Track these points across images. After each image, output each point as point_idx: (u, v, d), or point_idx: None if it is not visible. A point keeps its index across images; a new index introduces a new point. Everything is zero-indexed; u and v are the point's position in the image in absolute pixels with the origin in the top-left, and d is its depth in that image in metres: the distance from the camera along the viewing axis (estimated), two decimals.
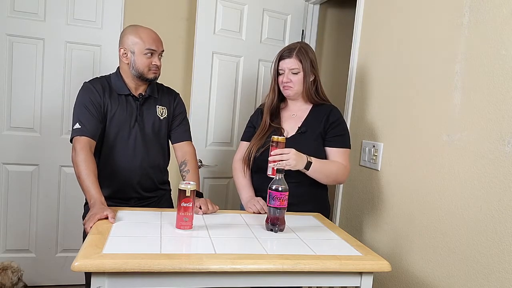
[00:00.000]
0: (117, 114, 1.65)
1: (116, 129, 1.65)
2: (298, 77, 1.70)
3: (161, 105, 1.76)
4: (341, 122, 1.73)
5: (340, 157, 1.70)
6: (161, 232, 1.28)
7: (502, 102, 1.29)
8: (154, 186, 1.76)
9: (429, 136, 1.58)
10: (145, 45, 1.62)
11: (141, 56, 1.62)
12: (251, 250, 1.20)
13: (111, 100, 1.65)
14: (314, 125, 1.71)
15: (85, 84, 1.67)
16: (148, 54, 1.63)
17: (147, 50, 1.62)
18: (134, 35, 1.63)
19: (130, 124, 1.67)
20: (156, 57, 1.66)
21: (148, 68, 1.64)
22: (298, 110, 1.77)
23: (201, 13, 2.36)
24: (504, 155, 1.27)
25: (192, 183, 1.32)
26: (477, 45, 1.40)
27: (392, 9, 1.87)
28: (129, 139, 1.67)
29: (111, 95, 1.65)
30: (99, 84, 1.66)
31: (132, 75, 1.66)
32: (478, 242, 1.34)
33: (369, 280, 1.20)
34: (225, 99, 2.51)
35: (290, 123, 1.75)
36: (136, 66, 1.64)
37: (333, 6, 2.99)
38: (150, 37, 1.64)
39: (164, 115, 1.76)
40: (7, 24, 2.32)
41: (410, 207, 1.67)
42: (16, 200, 2.45)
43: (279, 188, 1.38)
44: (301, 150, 1.64)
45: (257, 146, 1.72)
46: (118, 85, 1.68)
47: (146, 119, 1.70)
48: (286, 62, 1.70)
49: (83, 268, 1.01)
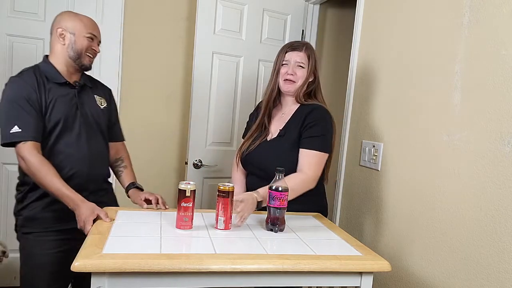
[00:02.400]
0: (56, 104, 1.52)
1: (58, 119, 1.51)
2: (302, 72, 1.66)
3: (98, 95, 1.69)
4: (318, 122, 1.60)
5: (307, 161, 1.57)
6: (161, 232, 1.28)
7: (502, 102, 1.29)
8: (102, 178, 1.68)
9: (429, 136, 1.58)
10: (86, 28, 1.57)
11: (82, 38, 1.55)
12: (251, 250, 1.20)
13: (46, 91, 1.51)
14: (293, 128, 1.66)
15: (13, 79, 1.51)
16: (89, 38, 1.57)
17: (89, 33, 1.57)
18: (75, 18, 1.57)
19: (71, 113, 1.55)
20: (96, 43, 1.61)
21: (86, 51, 1.57)
22: (288, 109, 1.73)
23: (201, 13, 2.36)
24: (504, 155, 1.27)
25: (192, 183, 1.33)
26: (477, 45, 1.40)
27: (392, 9, 1.87)
28: (73, 129, 1.55)
29: (45, 86, 1.51)
30: (30, 76, 1.51)
31: (66, 60, 1.55)
32: (478, 242, 1.34)
33: (369, 280, 1.20)
34: (225, 99, 2.51)
35: (276, 124, 1.73)
36: (75, 47, 1.55)
37: (333, 6, 2.99)
38: (91, 22, 1.61)
39: (103, 104, 1.69)
40: (7, 24, 2.33)
41: (410, 207, 1.67)
42: None
43: (279, 188, 1.38)
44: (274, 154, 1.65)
45: (244, 148, 1.74)
46: (51, 73, 1.54)
47: (86, 107, 1.61)
48: (295, 54, 1.65)
49: (83, 268, 1.01)
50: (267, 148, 1.68)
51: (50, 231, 1.53)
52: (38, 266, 1.52)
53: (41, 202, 1.53)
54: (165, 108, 2.68)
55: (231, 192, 1.35)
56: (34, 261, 1.52)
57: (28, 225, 1.55)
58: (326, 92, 1.83)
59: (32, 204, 1.55)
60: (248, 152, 1.72)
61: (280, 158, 1.62)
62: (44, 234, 1.53)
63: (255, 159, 1.70)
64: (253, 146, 1.71)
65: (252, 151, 1.71)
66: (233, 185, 1.39)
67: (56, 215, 1.53)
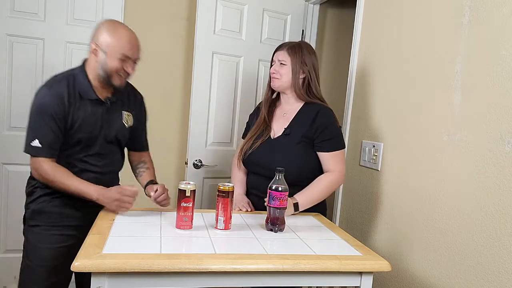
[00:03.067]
0: (83, 123, 1.51)
1: (80, 138, 1.52)
2: (284, 70, 1.69)
3: (127, 111, 1.65)
4: (328, 124, 1.67)
5: (332, 161, 1.67)
6: (161, 232, 1.28)
7: (502, 102, 1.29)
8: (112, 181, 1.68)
9: (429, 136, 1.58)
10: (120, 49, 1.46)
11: (113, 58, 1.47)
12: (251, 250, 1.20)
13: (76, 108, 1.49)
14: (299, 126, 1.69)
15: (44, 89, 1.48)
16: (121, 59, 1.48)
17: (121, 55, 1.47)
18: (112, 35, 1.47)
19: (95, 133, 1.55)
20: (129, 64, 1.51)
21: (117, 73, 1.49)
22: (289, 108, 1.76)
23: (201, 13, 2.36)
24: (504, 155, 1.27)
25: (192, 183, 1.33)
26: (477, 45, 1.40)
27: (392, 9, 1.87)
28: (92, 147, 1.56)
29: (75, 100, 1.49)
30: (62, 89, 1.47)
31: (97, 75, 1.51)
32: (478, 242, 1.34)
33: (369, 280, 1.20)
34: (225, 99, 2.51)
35: (279, 123, 1.75)
36: (105, 68, 1.48)
37: (333, 6, 2.99)
38: (128, 41, 1.48)
39: (129, 123, 1.65)
40: (7, 24, 2.32)
41: (410, 207, 1.67)
42: (16, 200, 2.44)
43: (279, 188, 1.38)
44: (281, 153, 1.66)
45: (246, 147, 1.74)
46: (83, 87, 1.51)
47: (111, 126, 1.59)
48: (278, 53, 1.73)
49: (83, 268, 1.01)
50: (273, 147, 1.68)
51: (56, 225, 1.56)
52: (40, 259, 1.54)
53: (48, 197, 1.56)
54: (165, 108, 2.68)
55: (231, 192, 1.35)
56: (38, 254, 1.55)
57: (35, 218, 1.57)
58: (326, 92, 1.85)
59: (39, 198, 1.57)
60: (251, 151, 1.71)
61: (288, 156, 1.65)
62: (50, 228, 1.55)
63: (260, 158, 1.69)
64: (256, 145, 1.71)
65: (256, 150, 1.71)
66: (233, 185, 1.39)
67: (62, 211, 1.56)
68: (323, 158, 1.68)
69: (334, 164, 1.67)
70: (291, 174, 1.61)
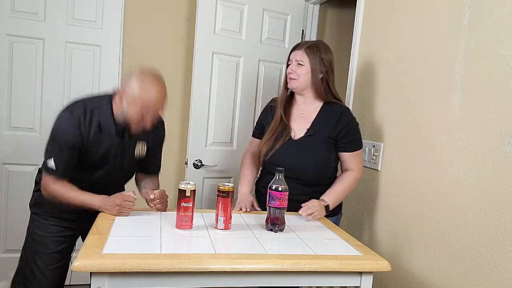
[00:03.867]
0: (97, 152, 1.53)
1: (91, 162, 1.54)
2: (302, 70, 1.68)
3: (142, 140, 1.62)
4: (353, 124, 1.72)
5: (353, 160, 1.72)
6: (161, 232, 1.29)
7: (502, 102, 1.29)
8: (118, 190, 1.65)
9: (429, 136, 1.58)
10: (142, 108, 1.44)
11: (133, 113, 1.45)
12: (251, 250, 1.20)
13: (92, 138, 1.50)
14: (323, 127, 1.69)
15: (64, 116, 1.48)
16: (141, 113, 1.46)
17: (141, 114, 1.46)
18: (138, 90, 1.43)
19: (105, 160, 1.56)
20: (149, 117, 1.48)
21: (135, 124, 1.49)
22: (307, 109, 1.75)
23: (201, 13, 2.36)
24: (504, 155, 1.27)
25: (192, 183, 1.33)
26: (477, 45, 1.40)
27: (392, 9, 1.87)
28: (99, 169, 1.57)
29: (95, 135, 1.50)
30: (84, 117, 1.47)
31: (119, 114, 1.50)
32: (478, 242, 1.34)
33: (369, 280, 1.20)
34: (225, 99, 2.51)
35: (298, 123, 1.73)
36: (124, 116, 1.47)
37: (333, 6, 2.99)
38: (151, 102, 1.44)
39: (142, 152, 1.64)
40: (7, 24, 2.32)
41: (410, 207, 1.67)
42: (16, 200, 2.45)
43: (279, 188, 1.39)
44: (309, 154, 1.66)
45: (266, 147, 1.71)
46: (106, 123, 1.50)
47: (123, 157, 1.59)
48: (294, 53, 1.72)
49: (83, 268, 1.01)
50: (297, 148, 1.68)
51: (54, 217, 1.62)
52: (38, 245, 1.62)
53: None
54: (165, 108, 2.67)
55: (231, 192, 1.35)
56: (35, 240, 1.62)
57: (37, 206, 1.65)
58: None
59: None
60: (274, 152, 1.69)
61: (314, 156, 1.66)
62: (49, 219, 1.62)
63: (285, 159, 1.65)
64: (278, 146, 1.69)
65: (278, 151, 1.69)
66: (233, 185, 1.39)
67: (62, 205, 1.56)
68: (345, 158, 1.72)
69: (355, 163, 1.72)
70: (316, 174, 1.68)
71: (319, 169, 1.68)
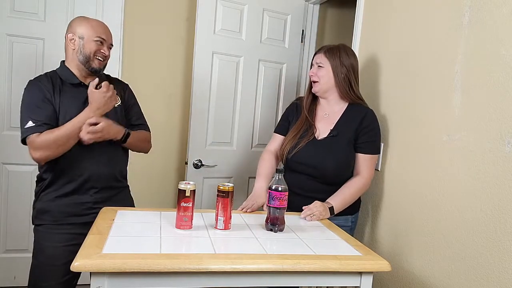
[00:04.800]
0: (69, 105, 1.57)
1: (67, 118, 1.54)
2: (322, 72, 1.72)
3: None
4: (374, 126, 1.73)
5: (367, 164, 1.72)
6: (161, 232, 1.28)
7: (502, 102, 1.28)
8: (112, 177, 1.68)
9: (429, 136, 1.58)
10: (95, 32, 1.60)
11: (90, 42, 1.59)
12: (251, 250, 1.20)
13: (60, 93, 1.58)
14: (346, 128, 1.72)
15: (30, 82, 1.60)
16: (98, 41, 1.60)
17: (97, 37, 1.60)
18: (85, 22, 1.61)
19: None
20: (105, 47, 1.64)
21: (95, 54, 1.60)
22: (330, 110, 1.78)
23: (201, 13, 2.36)
24: (504, 155, 1.27)
25: (191, 183, 1.32)
26: (477, 45, 1.40)
27: (392, 9, 1.87)
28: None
29: (61, 88, 1.59)
30: (46, 79, 1.60)
31: (77, 64, 1.61)
32: (478, 242, 1.34)
33: (369, 280, 1.20)
34: (225, 99, 2.51)
35: (322, 124, 1.76)
36: (84, 51, 1.59)
37: (333, 6, 2.99)
38: (100, 26, 1.63)
39: (117, 102, 1.70)
40: (7, 24, 2.32)
41: (410, 207, 1.67)
42: (16, 200, 2.45)
43: (278, 188, 1.38)
44: (331, 154, 1.68)
45: (290, 146, 1.74)
46: (66, 75, 1.62)
47: None
48: (316, 57, 1.77)
49: (83, 268, 1.01)
50: (321, 147, 1.71)
51: (61, 224, 1.58)
52: (47, 258, 1.56)
53: (52, 195, 1.59)
54: (165, 108, 2.68)
55: (231, 192, 1.35)
56: (44, 253, 1.57)
57: (40, 217, 1.60)
58: None
59: (44, 197, 1.60)
60: (298, 150, 1.72)
61: (338, 157, 1.69)
62: (55, 227, 1.58)
63: (308, 158, 1.70)
64: (302, 145, 1.72)
65: (302, 149, 1.71)
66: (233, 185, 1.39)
67: (66, 209, 1.58)
68: (360, 160, 1.72)
69: (368, 168, 1.72)
70: (336, 173, 1.70)
71: (339, 169, 1.70)
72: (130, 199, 1.82)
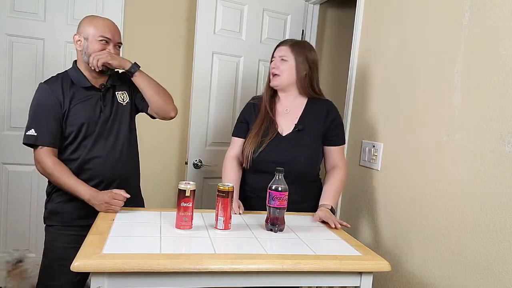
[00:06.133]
0: (80, 110, 1.57)
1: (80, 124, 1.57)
2: (285, 66, 1.68)
3: (120, 91, 1.69)
4: (340, 118, 1.75)
5: (339, 155, 1.74)
6: (161, 232, 1.28)
7: (502, 102, 1.28)
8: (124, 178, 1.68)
9: (429, 136, 1.58)
10: (98, 32, 1.57)
11: (94, 42, 1.57)
12: (250, 250, 1.20)
13: (71, 97, 1.57)
14: (311, 122, 1.69)
15: (41, 85, 1.59)
16: (102, 41, 1.57)
17: (100, 37, 1.57)
18: (89, 22, 1.59)
19: (94, 118, 1.59)
20: (111, 46, 1.60)
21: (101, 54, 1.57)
22: (291, 105, 1.74)
23: (201, 13, 2.36)
24: (504, 155, 1.27)
25: (191, 183, 1.32)
26: (477, 45, 1.40)
27: (392, 9, 1.87)
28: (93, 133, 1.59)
29: (71, 91, 1.57)
30: (56, 83, 1.58)
31: (86, 64, 1.60)
32: (478, 242, 1.34)
33: (368, 280, 1.20)
34: (225, 99, 2.51)
35: (285, 119, 1.72)
36: (88, 52, 1.57)
37: (333, 6, 2.99)
38: (105, 25, 1.59)
39: (126, 99, 1.70)
40: (7, 24, 2.32)
41: (410, 207, 1.67)
42: (16, 200, 2.45)
43: (278, 188, 1.38)
44: (300, 149, 1.65)
45: (254, 145, 1.68)
46: (77, 78, 1.61)
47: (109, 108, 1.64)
48: (278, 49, 1.72)
49: (83, 268, 1.01)
50: (287, 143, 1.67)
51: (71, 225, 1.59)
52: (56, 258, 1.57)
53: (63, 197, 1.60)
54: None
55: (231, 192, 1.35)
56: (54, 254, 1.59)
57: (51, 218, 1.63)
58: (326, 92, 1.84)
59: (55, 198, 1.62)
60: (263, 149, 1.66)
61: (306, 151, 1.67)
62: (65, 228, 1.59)
63: (274, 156, 1.64)
64: (265, 144, 1.66)
65: (268, 147, 1.66)
66: (233, 185, 1.39)
67: (77, 211, 1.59)
68: (332, 152, 1.73)
69: (341, 159, 1.74)
70: (307, 169, 1.68)
71: (310, 165, 1.69)
72: (141, 201, 1.83)
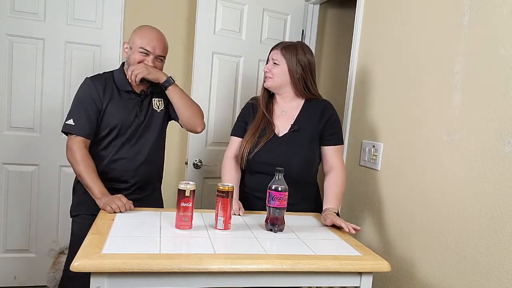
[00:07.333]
0: (116, 111, 1.63)
1: (114, 125, 1.63)
2: (277, 70, 1.68)
3: (157, 98, 1.74)
4: (336, 117, 1.72)
5: (337, 155, 1.70)
6: (161, 232, 1.28)
7: (502, 102, 1.28)
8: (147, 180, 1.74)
9: (429, 136, 1.58)
10: (140, 43, 1.61)
11: (135, 52, 1.62)
12: (250, 250, 1.20)
13: (110, 99, 1.63)
14: (308, 123, 1.68)
15: (86, 79, 1.66)
16: (142, 52, 1.61)
17: (141, 48, 1.61)
18: (136, 32, 1.65)
19: (128, 121, 1.65)
20: (150, 58, 1.63)
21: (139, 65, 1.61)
22: (288, 107, 1.74)
23: (201, 13, 2.36)
24: (504, 155, 1.27)
25: (191, 183, 1.32)
26: (477, 45, 1.40)
27: (392, 9, 1.87)
28: (125, 134, 1.65)
29: (112, 91, 1.64)
30: (101, 80, 1.65)
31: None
32: (478, 242, 1.34)
33: (368, 280, 1.20)
34: (225, 99, 2.51)
35: (281, 121, 1.72)
36: (129, 61, 1.64)
37: (333, 6, 2.99)
38: (148, 37, 1.62)
39: (161, 107, 1.74)
40: (7, 24, 2.33)
41: (410, 207, 1.67)
42: (16, 200, 2.45)
43: (278, 188, 1.38)
44: (296, 149, 1.65)
45: (250, 145, 1.68)
46: (120, 80, 1.67)
47: (144, 114, 1.69)
48: (272, 53, 1.73)
49: (83, 268, 1.01)
50: (283, 144, 1.66)
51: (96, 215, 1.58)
52: None
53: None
54: None
55: (231, 192, 1.35)
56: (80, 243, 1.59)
57: (76, 208, 1.69)
58: (326, 92, 1.84)
59: (79, 189, 1.68)
60: (258, 150, 1.66)
61: (301, 152, 1.66)
62: (90, 217, 1.59)
63: (270, 156, 1.64)
64: (262, 144, 1.66)
65: (264, 148, 1.66)
66: (233, 185, 1.39)
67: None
68: (330, 153, 1.69)
69: (340, 159, 1.71)
70: (303, 170, 1.67)
71: (305, 165, 1.67)
72: (161, 200, 1.86)
